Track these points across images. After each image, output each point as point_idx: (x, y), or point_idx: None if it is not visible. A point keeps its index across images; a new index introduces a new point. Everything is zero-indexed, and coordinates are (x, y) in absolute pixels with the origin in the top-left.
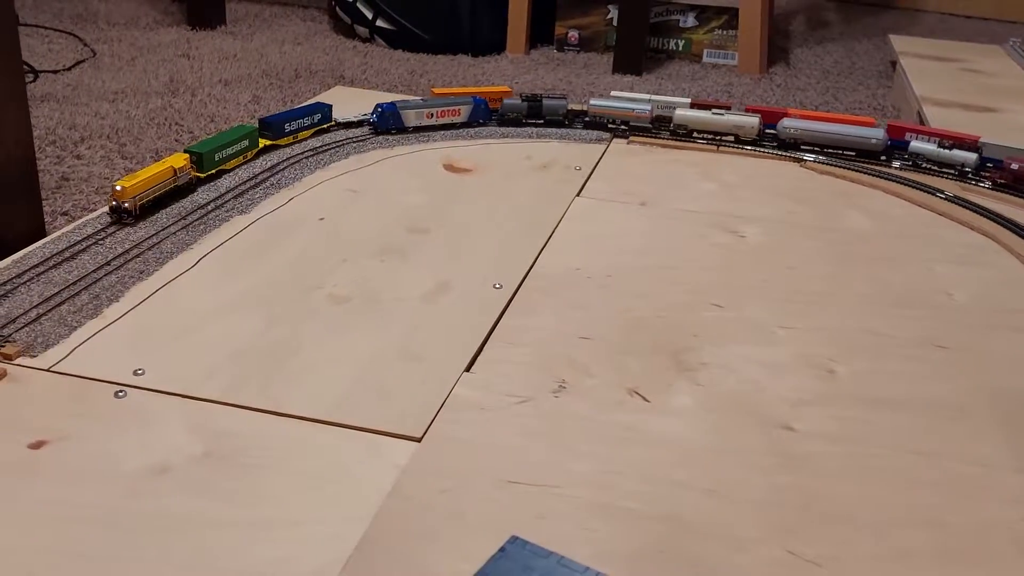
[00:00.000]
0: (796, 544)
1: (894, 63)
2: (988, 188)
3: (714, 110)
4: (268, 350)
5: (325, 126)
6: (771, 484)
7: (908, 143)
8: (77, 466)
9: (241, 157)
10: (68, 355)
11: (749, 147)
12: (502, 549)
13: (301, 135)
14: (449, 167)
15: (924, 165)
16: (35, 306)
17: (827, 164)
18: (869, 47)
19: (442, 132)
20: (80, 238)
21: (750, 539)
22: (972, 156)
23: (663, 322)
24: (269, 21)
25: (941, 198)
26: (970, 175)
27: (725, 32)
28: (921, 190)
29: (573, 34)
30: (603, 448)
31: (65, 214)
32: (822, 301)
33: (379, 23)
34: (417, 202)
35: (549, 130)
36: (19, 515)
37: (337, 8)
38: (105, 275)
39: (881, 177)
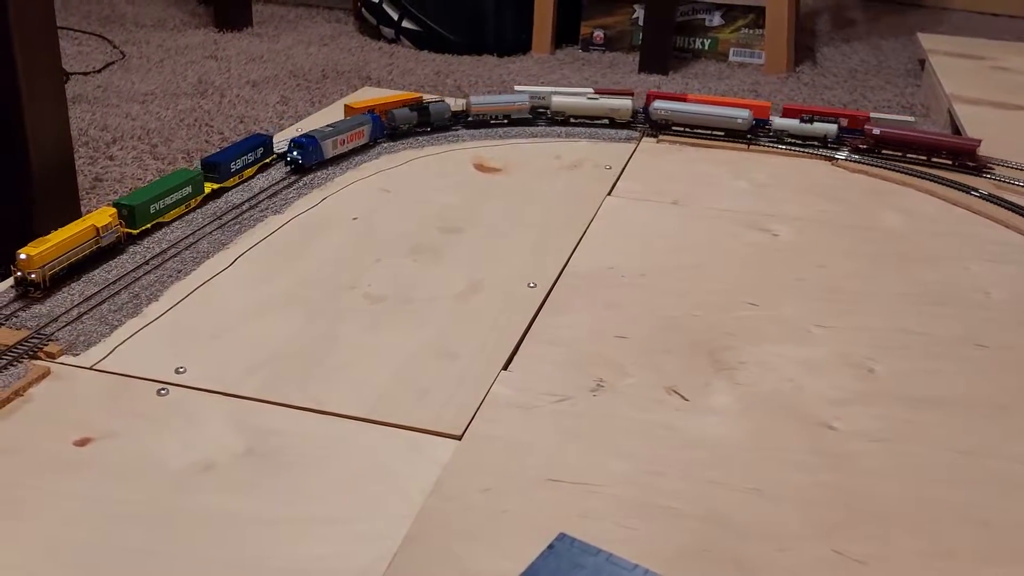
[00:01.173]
0: (841, 543)
1: (922, 61)
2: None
3: (588, 95)
4: (306, 349)
5: (268, 160)
6: (813, 483)
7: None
8: (122, 463)
9: (183, 206)
10: (110, 353)
11: (780, 146)
12: (550, 546)
13: (246, 173)
14: (479, 167)
15: (788, 140)
16: (76, 305)
17: (859, 162)
18: (896, 46)
19: (471, 132)
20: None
21: (794, 538)
22: (833, 127)
23: (698, 321)
24: (295, 23)
25: (976, 196)
26: (831, 144)
27: (751, 31)
28: (955, 188)
29: (598, 34)
30: (643, 447)
31: None
32: (858, 300)
33: (405, 24)
34: (449, 201)
35: (577, 129)
36: (66, 511)
37: (363, 9)
38: (144, 274)
39: (914, 175)
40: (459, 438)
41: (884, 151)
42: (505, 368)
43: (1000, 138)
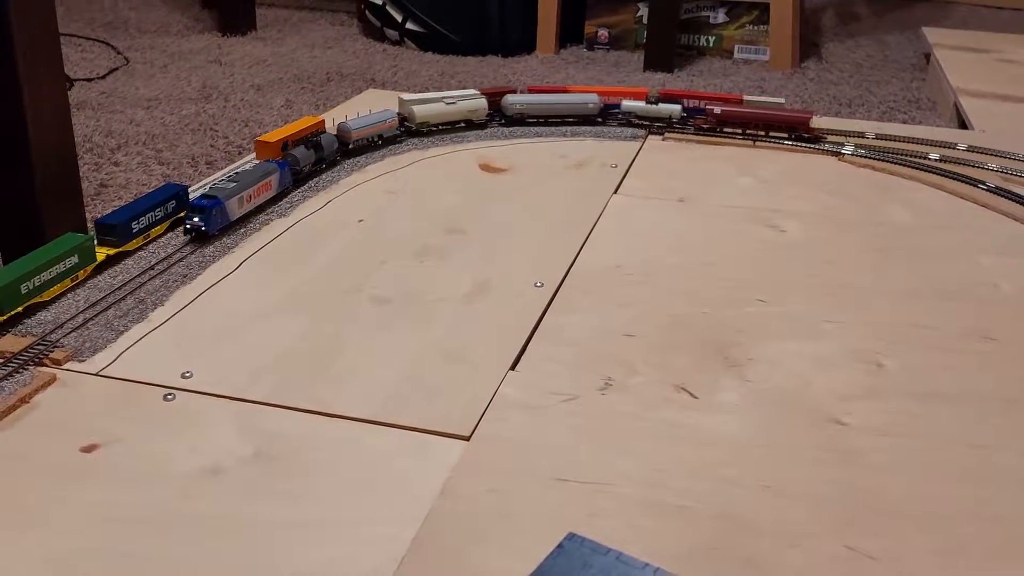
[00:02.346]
0: (852, 539)
1: (927, 56)
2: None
3: (446, 99)
4: (312, 352)
5: (182, 215)
6: (824, 479)
7: (620, 104)
8: (129, 469)
9: (69, 280)
10: (116, 359)
11: (786, 142)
12: (560, 546)
13: (154, 232)
14: (485, 167)
15: (635, 121)
16: (82, 311)
17: (865, 157)
18: (901, 40)
19: (475, 132)
20: None
21: (806, 535)
22: (676, 108)
23: (707, 318)
24: (298, 26)
25: (983, 189)
26: (675, 123)
27: (756, 27)
28: (962, 181)
29: (603, 32)
30: (652, 445)
31: None
32: (867, 295)
33: (409, 26)
34: (454, 203)
35: (583, 128)
36: (72, 519)
37: (366, 12)
38: (149, 279)
39: (921, 169)
40: (467, 439)
41: (725, 128)
42: (512, 368)
43: (1007, 130)
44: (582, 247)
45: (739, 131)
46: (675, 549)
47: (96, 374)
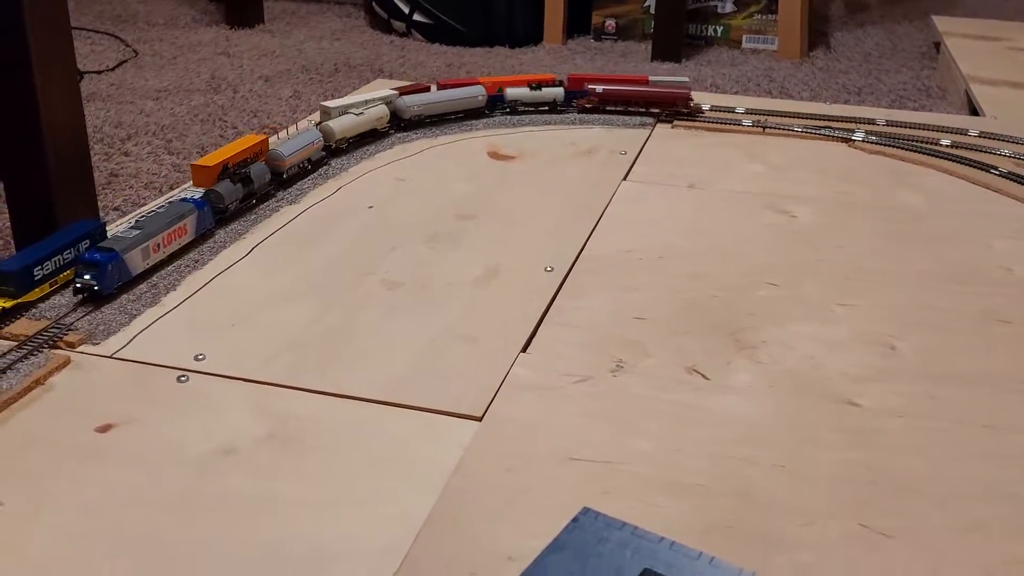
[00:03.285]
0: (868, 518)
1: (937, 44)
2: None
3: (352, 111)
4: (324, 335)
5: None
6: (838, 459)
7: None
8: (143, 449)
9: None
10: (130, 342)
11: (796, 128)
12: (575, 520)
13: (62, 278)
14: (493, 154)
15: (521, 109)
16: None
17: (877, 143)
18: (911, 29)
19: (484, 120)
20: None
21: (820, 513)
22: (559, 91)
23: (718, 302)
24: (306, 18)
25: (995, 174)
26: (560, 107)
27: (764, 17)
28: (974, 167)
29: (610, 23)
30: (665, 426)
31: (116, 209)
32: (879, 279)
33: (416, 17)
34: (464, 190)
35: (592, 116)
36: (88, 498)
37: (373, 3)
38: (161, 264)
39: (933, 155)
40: (479, 419)
41: (608, 108)
42: (524, 351)
43: (1019, 117)
44: (592, 232)
45: (621, 108)
46: (690, 526)
47: (110, 356)
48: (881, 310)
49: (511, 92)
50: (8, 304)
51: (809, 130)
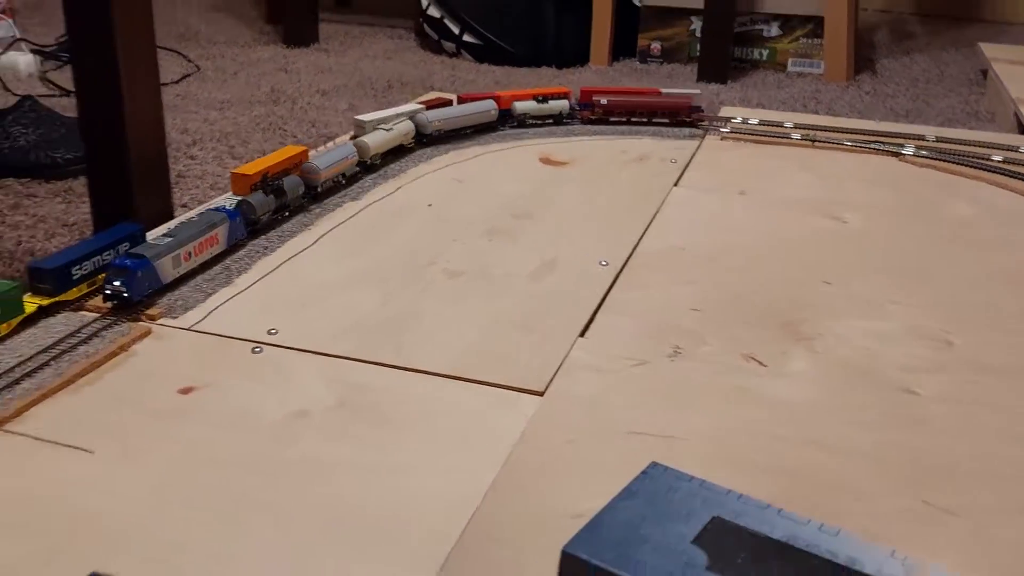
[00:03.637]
0: (925, 496)
1: (984, 72)
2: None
3: (382, 126)
4: (390, 316)
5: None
6: (895, 441)
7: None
8: (222, 410)
9: None
10: (206, 317)
11: (846, 142)
12: (644, 472)
13: (100, 278)
14: (546, 160)
15: (529, 121)
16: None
17: (927, 158)
18: (957, 57)
19: (534, 129)
20: None
21: (878, 492)
22: (565, 103)
23: (773, 296)
24: (359, 39)
25: None
26: (566, 119)
27: (810, 41)
28: None
29: (655, 45)
30: (723, 406)
31: (184, 206)
32: (932, 279)
33: (466, 38)
34: (519, 191)
35: (641, 128)
36: (171, 452)
37: (424, 25)
38: (233, 249)
39: (984, 169)
40: (541, 394)
41: (612, 118)
42: (582, 335)
43: None
44: (645, 231)
45: (625, 119)
46: None
47: (188, 329)
48: (935, 307)
49: (519, 106)
50: (46, 302)
51: (858, 144)
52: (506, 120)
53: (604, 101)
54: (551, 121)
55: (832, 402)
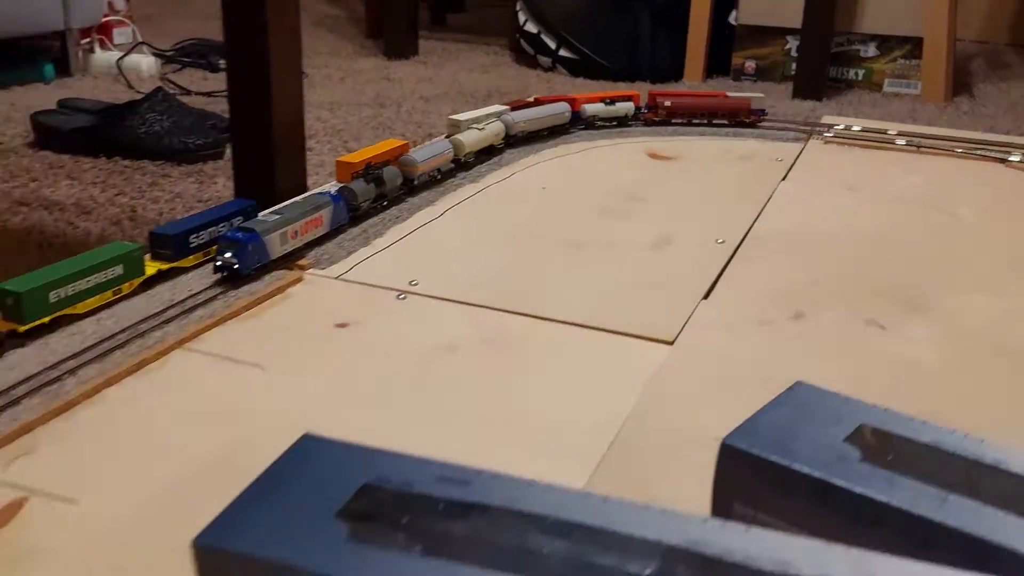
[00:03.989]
0: None
1: None
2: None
3: (475, 126)
4: (520, 276)
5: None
6: (1019, 403)
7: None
8: (376, 341)
9: (110, 292)
10: (350, 269)
11: (952, 148)
12: (790, 388)
13: (214, 250)
14: (653, 155)
15: (599, 124)
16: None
17: None
18: None
19: (639, 128)
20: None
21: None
22: (630, 105)
23: (892, 274)
24: (456, 54)
25: None
26: (631, 120)
27: (907, 62)
28: None
29: (750, 64)
30: (848, 363)
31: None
32: None
33: (562, 52)
34: (629, 178)
35: (745, 130)
36: (333, 369)
37: (521, 40)
38: (368, 215)
39: None
40: (671, 343)
41: (674, 119)
42: (704, 299)
43: None
44: (757, 217)
45: (686, 120)
46: None
47: (335, 278)
48: None
49: (588, 108)
50: (164, 267)
51: (964, 151)
52: (577, 121)
53: (668, 103)
54: (616, 123)
55: (959, 365)
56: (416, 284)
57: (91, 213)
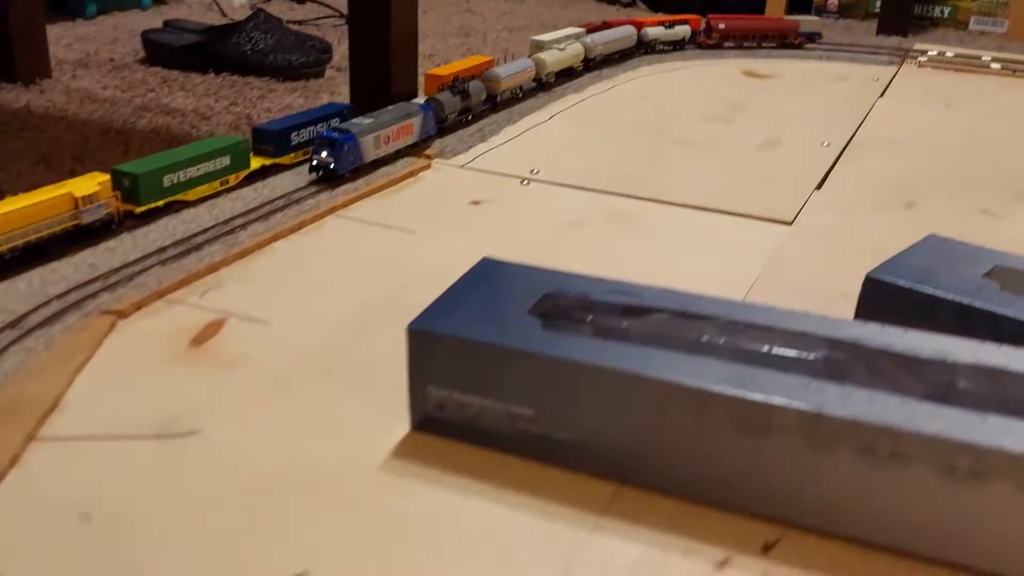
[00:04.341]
0: None
1: None
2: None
3: (556, 47)
4: (636, 167)
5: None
6: None
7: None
8: (508, 215)
9: (218, 183)
10: (473, 159)
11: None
12: (923, 240)
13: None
14: (749, 73)
15: (660, 48)
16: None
17: None
18: None
19: (734, 51)
20: None
21: None
22: (687, 28)
23: (998, 172)
24: None
25: None
26: (687, 43)
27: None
28: None
29: (833, 1)
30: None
31: None
32: None
33: None
34: (729, 92)
35: (839, 52)
36: (476, 235)
37: None
38: (482, 114)
39: None
40: (790, 224)
41: (726, 42)
42: (818, 189)
43: None
44: (859, 126)
45: (738, 43)
46: None
47: (460, 167)
48: None
49: (649, 31)
50: (268, 162)
51: None
52: (639, 45)
53: (722, 26)
54: (673, 47)
55: None
56: (537, 173)
57: (210, 119)
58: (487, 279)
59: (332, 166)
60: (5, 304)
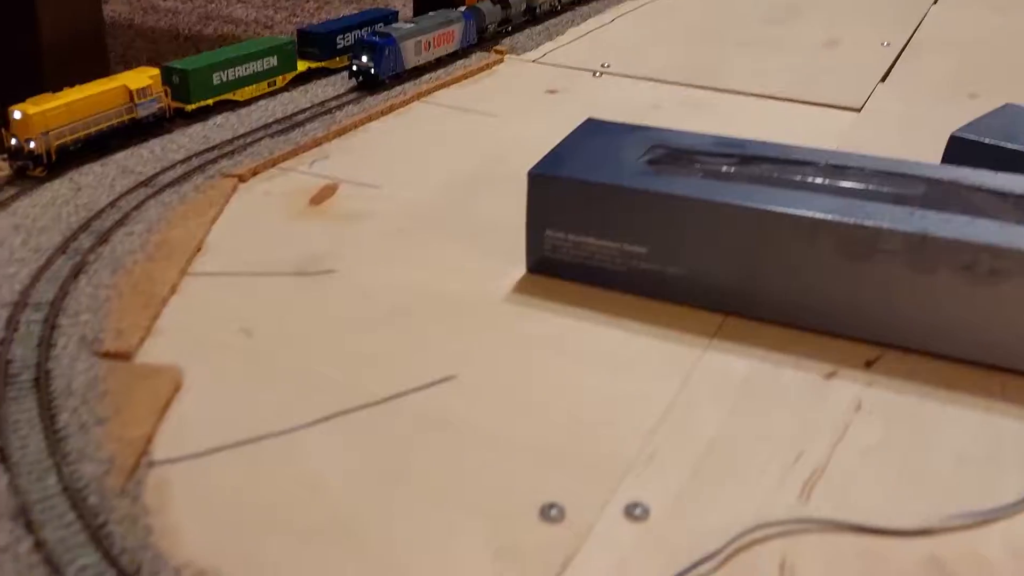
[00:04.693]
0: None
1: None
2: None
3: None
4: (704, 63)
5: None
6: None
7: None
8: (585, 101)
9: (266, 84)
10: (544, 55)
11: None
12: (1000, 108)
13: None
14: None
15: None
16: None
17: None
18: None
19: None
20: None
21: None
22: None
23: None
24: None
25: None
26: None
27: None
28: None
29: None
30: None
31: None
32: None
33: None
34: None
35: None
36: (556, 117)
37: None
38: (521, 26)
39: None
40: (858, 111)
41: None
42: (882, 81)
43: None
44: (916, 29)
45: None
46: None
47: (532, 61)
48: None
49: None
50: (314, 65)
51: None
52: None
53: None
54: None
55: None
56: (608, 66)
57: (272, 28)
58: (595, 135)
59: (373, 70)
60: (132, 167)
